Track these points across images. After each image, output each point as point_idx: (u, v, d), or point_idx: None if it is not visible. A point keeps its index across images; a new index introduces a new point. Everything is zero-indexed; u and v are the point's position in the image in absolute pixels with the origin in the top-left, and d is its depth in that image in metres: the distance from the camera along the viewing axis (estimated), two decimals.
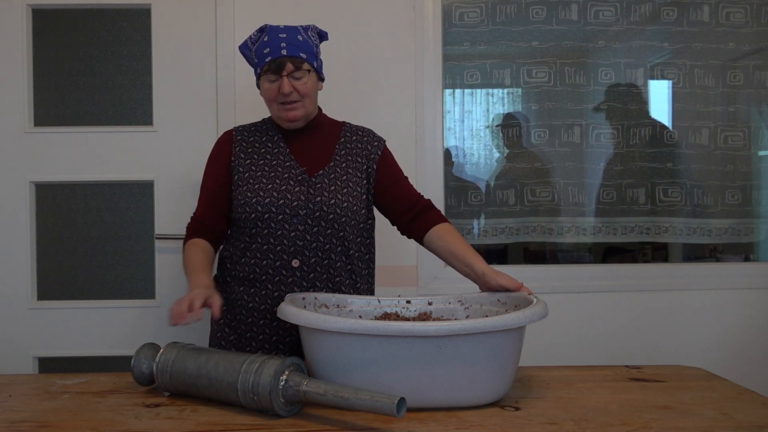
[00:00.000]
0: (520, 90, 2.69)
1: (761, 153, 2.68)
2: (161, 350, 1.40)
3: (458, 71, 2.58)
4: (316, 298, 1.53)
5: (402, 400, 1.12)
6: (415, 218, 1.73)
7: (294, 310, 1.31)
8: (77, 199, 2.53)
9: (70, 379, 1.50)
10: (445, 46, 2.45)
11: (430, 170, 2.39)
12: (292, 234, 1.65)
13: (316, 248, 1.66)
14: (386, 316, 1.51)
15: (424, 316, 1.51)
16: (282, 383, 1.22)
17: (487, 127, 2.73)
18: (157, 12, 2.36)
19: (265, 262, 1.67)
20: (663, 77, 2.65)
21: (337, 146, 1.75)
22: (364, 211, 1.73)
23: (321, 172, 1.70)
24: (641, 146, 2.62)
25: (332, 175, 1.70)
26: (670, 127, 2.65)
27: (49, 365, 2.41)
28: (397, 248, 2.39)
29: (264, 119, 1.82)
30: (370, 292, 1.80)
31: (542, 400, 1.33)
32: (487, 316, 1.34)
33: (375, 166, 1.75)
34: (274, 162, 1.71)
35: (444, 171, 2.44)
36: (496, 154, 2.74)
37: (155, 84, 2.37)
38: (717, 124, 2.61)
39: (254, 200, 1.66)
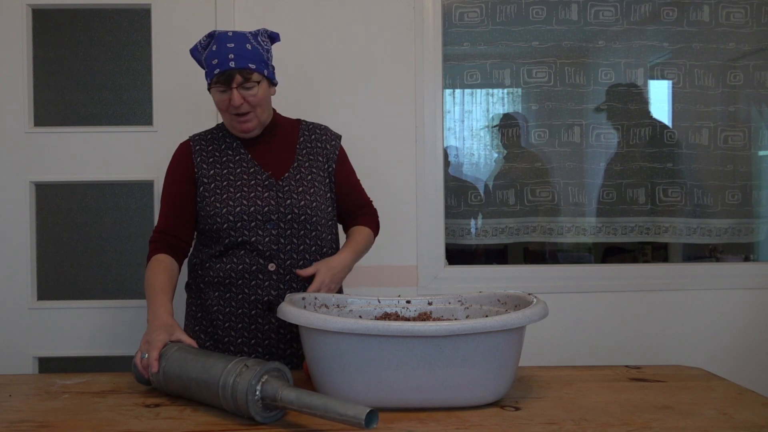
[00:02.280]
0: (520, 90, 2.69)
1: (761, 153, 2.68)
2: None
3: (458, 71, 2.58)
4: (316, 298, 1.53)
5: (372, 412, 1.09)
6: (354, 218, 1.84)
7: (294, 310, 1.31)
8: (77, 199, 2.54)
9: (70, 379, 1.50)
10: (445, 46, 2.45)
11: (430, 170, 2.39)
12: (266, 239, 1.66)
13: (291, 250, 1.67)
14: (386, 316, 1.51)
15: (424, 316, 1.51)
16: (257, 393, 1.20)
17: (486, 127, 2.73)
18: (157, 12, 2.36)
19: (240, 267, 1.67)
20: (663, 77, 2.65)
21: (297, 146, 1.77)
22: (330, 208, 1.76)
23: (287, 174, 1.71)
24: (641, 146, 2.62)
25: (298, 176, 1.71)
26: (670, 127, 2.65)
27: (49, 365, 2.41)
28: (397, 248, 2.39)
29: (218, 125, 1.82)
30: (340, 291, 1.79)
31: (542, 400, 1.33)
32: (487, 316, 1.34)
33: (334, 165, 1.78)
34: (238, 170, 1.71)
35: (444, 171, 2.44)
36: (496, 155, 2.74)
37: (155, 84, 2.37)
38: (717, 124, 2.61)
39: (224, 210, 1.66)
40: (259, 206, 1.66)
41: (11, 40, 2.34)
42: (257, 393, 1.20)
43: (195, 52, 1.76)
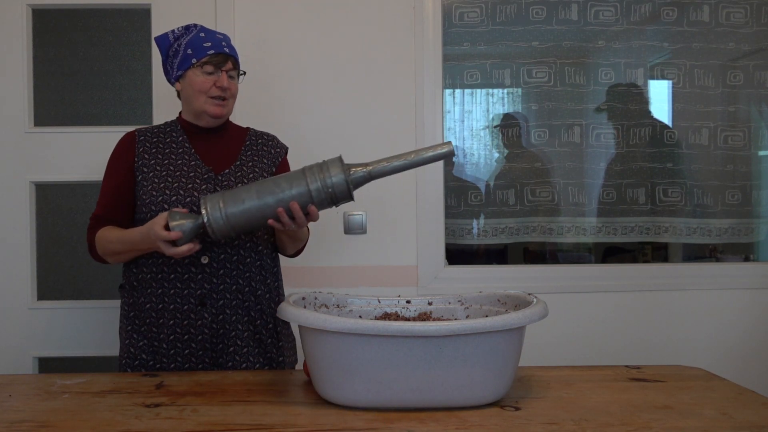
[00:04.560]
0: (520, 90, 2.68)
1: (761, 153, 2.68)
2: (206, 206, 1.53)
3: (458, 71, 2.58)
4: (316, 298, 1.53)
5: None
6: None
7: (294, 310, 1.31)
8: (77, 199, 2.54)
9: (70, 379, 1.50)
10: (445, 46, 2.45)
11: (430, 170, 2.39)
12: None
13: (225, 244, 1.68)
14: (386, 316, 1.51)
15: (424, 316, 1.51)
16: (351, 173, 1.51)
17: (487, 127, 2.73)
18: (157, 12, 2.36)
19: (173, 260, 1.67)
20: (663, 77, 2.65)
21: (243, 148, 1.78)
22: None
23: (227, 170, 1.72)
24: (641, 146, 2.62)
25: (238, 173, 1.73)
26: (671, 127, 2.65)
27: (49, 365, 2.41)
28: (397, 248, 2.39)
29: (166, 122, 1.83)
30: (279, 289, 1.81)
31: (542, 400, 1.33)
32: (487, 316, 1.34)
33: (274, 169, 1.80)
34: (180, 161, 1.73)
35: (444, 171, 2.44)
36: (496, 155, 2.74)
37: (155, 84, 2.37)
38: (717, 124, 2.61)
39: (160, 198, 1.67)
40: (195, 197, 1.67)
41: (11, 40, 2.34)
42: (350, 174, 1.52)
43: (164, 39, 1.76)
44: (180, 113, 1.82)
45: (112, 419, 1.23)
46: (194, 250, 1.55)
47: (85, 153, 2.36)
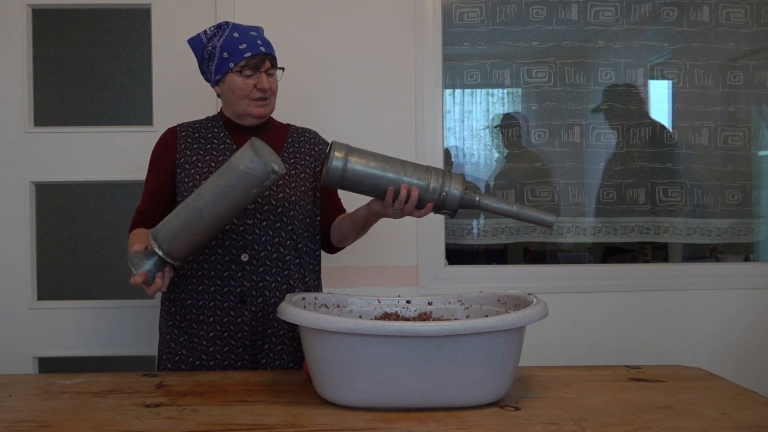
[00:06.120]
0: (520, 90, 2.69)
1: (761, 153, 2.68)
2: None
3: (458, 71, 2.58)
4: (316, 298, 1.53)
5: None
6: (333, 217, 1.83)
7: (294, 310, 1.31)
8: (77, 199, 2.54)
9: (70, 379, 1.50)
10: (445, 46, 2.45)
11: None
12: (241, 228, 1.67)
13: (266, 242, 1.68)
14: (386, 316, 1.51)
15: (424, 316, 1.51)
16: (464, 192, 1.53)
17: (487, 127, 2.73)
18: (157, 12, 2.36)
19: (213, 258, 1.68)
20: (663, 77, 2.65)
21: (285, 144, 1.79)
22: (310, 206, 1.76)
23: None
24: (641, 146, 2.62)
25: None
26: (670, 128, 2.65)
27: (49, 365, 2.41)
28: (397, 248, 2.39)
29: (208, 117, 1.83)
30: (318, 288, 1.82)
31: (542, 400, 1.33)
32: (487, 316, 1.34)
33: (319, 166, 1.80)
34: (221, 158, 1.72)
35: None
36: (496, 154, 2.74)
37: (155, 84, 2.37)
38: (717, 124, 2.61)
39: None
40: None
41: (11, 40, 2.34)
42: (464, 193, 1.54)
43: (197, 41, 1.75)
44: (221, 110, 1.82)
45: (112, 419, 1.23)
46: (163, 284, 1.54)
47: (84, 153, 2.36)
